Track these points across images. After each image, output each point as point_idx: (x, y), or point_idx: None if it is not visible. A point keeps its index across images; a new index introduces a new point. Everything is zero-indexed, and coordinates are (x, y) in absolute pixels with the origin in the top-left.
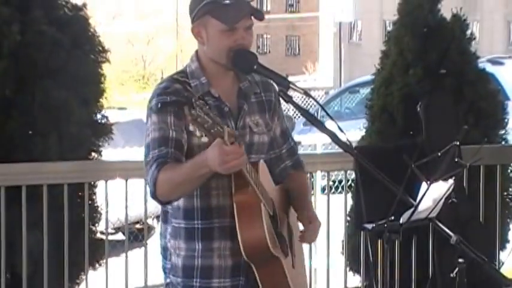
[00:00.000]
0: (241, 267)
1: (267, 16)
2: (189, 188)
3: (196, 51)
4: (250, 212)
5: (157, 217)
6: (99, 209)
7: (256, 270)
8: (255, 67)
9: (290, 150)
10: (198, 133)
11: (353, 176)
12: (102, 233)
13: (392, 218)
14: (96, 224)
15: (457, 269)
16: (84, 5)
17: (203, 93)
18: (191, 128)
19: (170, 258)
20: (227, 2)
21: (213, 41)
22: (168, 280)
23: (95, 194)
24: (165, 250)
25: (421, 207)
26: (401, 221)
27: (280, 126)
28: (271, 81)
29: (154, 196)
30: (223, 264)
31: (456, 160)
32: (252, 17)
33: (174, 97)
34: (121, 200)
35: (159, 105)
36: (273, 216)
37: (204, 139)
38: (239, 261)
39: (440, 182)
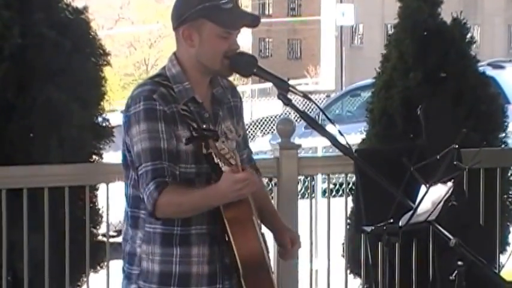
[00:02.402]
0: (218, 274)
1: (268, 20)
2: (195, 214)
3: (175, 54)
4: (243, 227)
5: None
6: (100, 211)
7: (244, 282)
8: (255, 70)
9: (249, 155)
10: (221, 164)
11: (354, 179)
12: (103, 235)
13: (392, 220)
14: (98, 227)
15: (456, 272)
16: (85, 8)
17: (188, 99)
18: (180, 132)
19: (140, 264)
20: (227, 7)
21: (207, 45)
22: (133, 286)
23: (96, 196)
24: (131, 255)
25: (420, 210)
26: (400, 224)
27: (242, 130)
28: (234, 85)
29: (152, 215)
30: (200, 272)
31: (455, 163)
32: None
33: (163, 103)
34: (122, 203)
35: (147, 111)
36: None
37: (189, 146)
38: (215, 269)
39: (439, 185)
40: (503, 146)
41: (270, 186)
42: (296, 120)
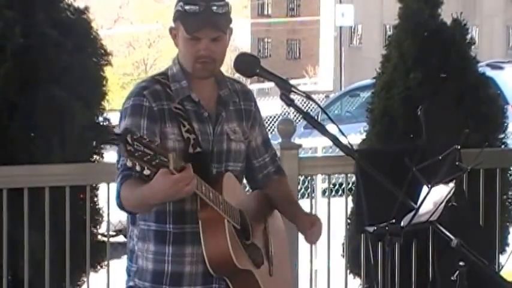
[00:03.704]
0: None
1: (267, 20)
2: (145, 211)
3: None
4: (214, 229)
5: None
6: (101, 211)
7: (230, 282)
8: (257, 70)
9: (272, 157)
10: (138, 167)
11: (353, 179)
12: (103, 235)
13: (394, 221)
14: (98, 226)
15: (457, 272)
16: (87, 8)
17: (183, 97)
18: (168, 129)
19: (136, 261)
20: (191, 10)
21: (181, 47)
22: (131, 283)
23: (96, 196)
24: (131, 252)
25: (421, 211)
26: (402, 224)
27: (261, 135)
28: (250, 90)
29: (120, 207)
30: (194, 271)
31: (457, 164)
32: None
33: (151, 100)
34: None
35: (133, 107)
36: (242, 229)
37: (180, 144)
38: None
39: (441, 186)
40: (502, 146)
41: None
42: (295, 120)
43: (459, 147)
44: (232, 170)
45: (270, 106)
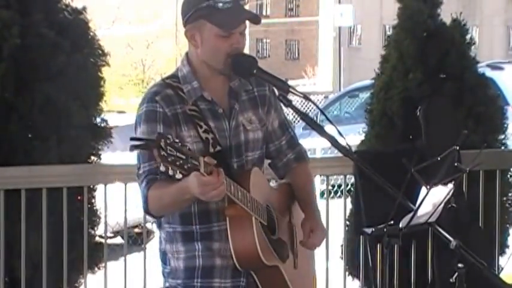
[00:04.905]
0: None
1: (266, 20)
2: (177, 208)
3: (187, 54)
4: (241, 226)
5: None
6: (98, 212)
7: (256, 276)
8: (255, 71)
9: (290, 141)
10: (170, 172)
11: (352, 180)
12: (101, 236)
13: (392, 222)
14: (95, 228)
15: (456, 274)
16: (84, 8)
17: (196, 98)
18: (184, 133)
19: (169, 263)
20: (224, 7)
21: (208, 45)
22: (167, 284)
23: (94, 197)
24: (163, 255)
25: (420, 212)
26: (400, 226)
27: (278, 118)
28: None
29: (147, 212)
30: (225, 264)
31: (456, 165)
32: (248, 21)
33: (164, 105)
34: (120, 204)
35: (147, 113)
36: (268, 224)
37: (199, 145)
38: None
39: (440, 187)
40: (502, 147)
41: None
42: (294, 121)
43: (458, 148)
44: (251, 159)
45: None
